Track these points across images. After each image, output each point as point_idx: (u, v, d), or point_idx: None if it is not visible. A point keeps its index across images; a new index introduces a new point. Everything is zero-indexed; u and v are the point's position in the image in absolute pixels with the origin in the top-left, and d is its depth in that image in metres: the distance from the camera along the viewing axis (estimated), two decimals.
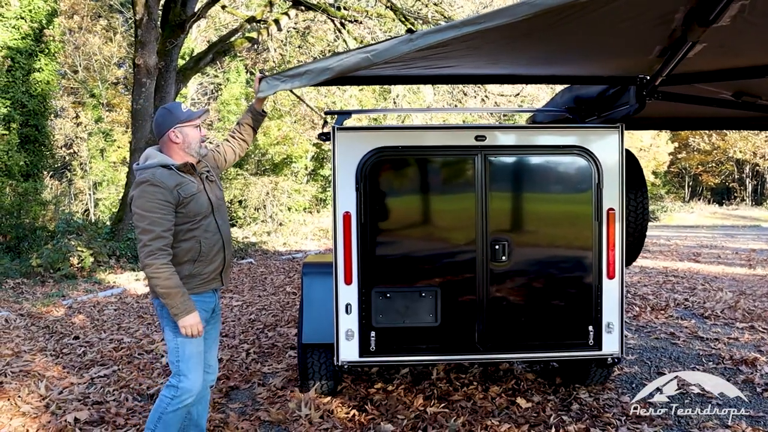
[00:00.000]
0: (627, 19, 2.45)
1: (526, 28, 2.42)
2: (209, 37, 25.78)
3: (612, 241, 3.96)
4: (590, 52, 3.25)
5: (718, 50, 2.96)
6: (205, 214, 3.20)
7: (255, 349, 6.29)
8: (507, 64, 3.41)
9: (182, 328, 3.05)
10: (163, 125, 3.18)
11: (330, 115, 4.41)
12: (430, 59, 3.04)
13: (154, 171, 3.08)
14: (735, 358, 5.61)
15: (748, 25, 2.52)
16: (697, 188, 50.58)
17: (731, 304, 7.99)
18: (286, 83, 3.18)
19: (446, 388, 4.82)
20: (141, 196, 3.01)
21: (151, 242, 2.96)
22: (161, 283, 2.98)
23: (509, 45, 2.80)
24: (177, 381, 3.19)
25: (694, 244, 17.88)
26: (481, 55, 3.02)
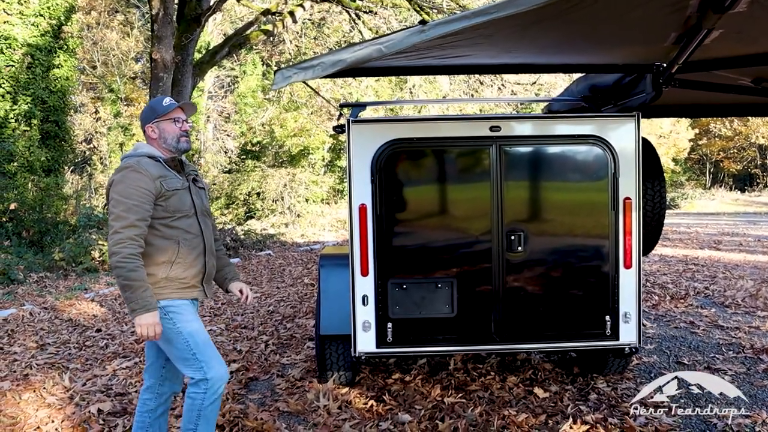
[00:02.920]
0: (640, 6, 2.43)
1: (538, 17, 2.41)
2: (225, 30, 25.88)
3: (629, 230, 3.94)
4: (604, 41, 3.22)
5: (735, 37, 2.92)
6: (187, 213, 3.05)
7: (274, 340, 6.34)
8: (520, 54, 3.39)
9: (138, 326, 2.82)
10: (144, 120, 3.13)
11: (345, 107, 4.42)
12: (443, 49, 3.03)
13: (140, 159, 2.99)
14: (756, 347, 5.56)
15: (765, 11, 2.48)
16: (718, 175, 49.91)
17: (752, 293, 7.91)
18: (299, 74, 3.18)
19: (463, 378, 4.84)
20: (121, 182, 2.89)
21: (123, 230, 2.80)
22: (125, 273, 2.76)
23: (521, 34, 2.79)
24: (202, 374, 2.98)
25: (715, 231, 17.67)
26: (494, 44, 3.01)
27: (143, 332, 2.82)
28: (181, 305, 3.02)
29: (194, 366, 2.99)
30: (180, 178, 3.09)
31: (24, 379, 5.18)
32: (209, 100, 30.03)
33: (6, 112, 13.33)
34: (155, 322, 2.84)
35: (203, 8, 13.67)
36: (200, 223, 3.12)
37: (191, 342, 2.97)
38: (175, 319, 2.98)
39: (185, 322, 2.99)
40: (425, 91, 22.82)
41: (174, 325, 2.97)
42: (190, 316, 3.04)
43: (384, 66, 3.66)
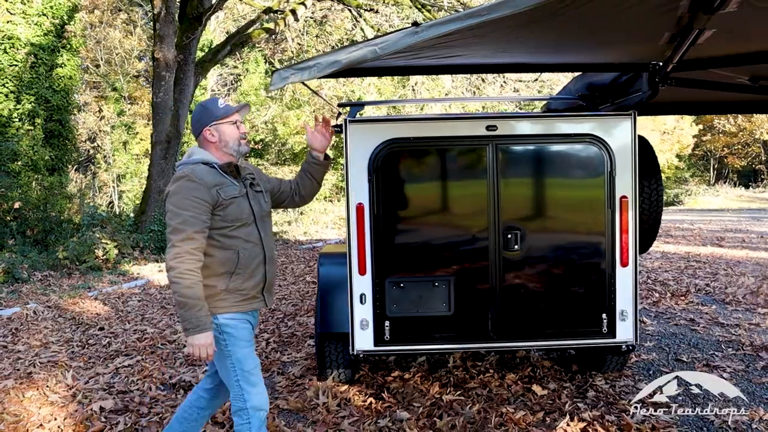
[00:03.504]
0: (631, 6, 2.45)
1: (530, 18, 2.43)
2: (228, 28, 25.92)
3: (625, 228, 3.95)
4: (599, 40, 3.23)
5: (728, 36, 2.94)
6: (246, 222, 2.92)
7: (275, 338, 6.38)
8: (514, 53, 3.41)
9: (190, 346, 2.70)
10: (198, 123, 2.98)
11: (343, 106, 4.44)
12: (437, 49, 3.05)
13: (194, 167, 2.85)
14: (755, 344, 5.57)
15: (756, 11, 2.50)
16: (722, 171, 49.77)
17: (753, 290, 7.91)
18: (297, 75, 3.20)
19: (462, 375, 4.86)
20: (177, 192, 2.77)
21: (180, 243, 2.68)
22: (180, 290, 2.66)
23: (515, 34, 2.80)
24: (242, 402, 2.87)
25: (718, 228, 17.63)
26: (488, 44, 3.03)
27: (194, 353, 2.70)
28: (239, 324, 2.91)
29: (236, 392, 2.90)
30: (237, 184, 2.94)
31: (27, 377, 5.23)
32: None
33: (10, 111, 13.39)
34: (208, 344, 2.71)
35: (205, 7, 13.71)
36: (260, 231, 3.00)
37: (237, 368, 2.87)
38: (229, 341, 2.87)
39: (237, 346, 2.88)
40: (428, 88, 22.81)
41: (226, 346, 2.88)
42: (244, 339, 2.92)
43: (381, 66, 3.69)
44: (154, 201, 13.69)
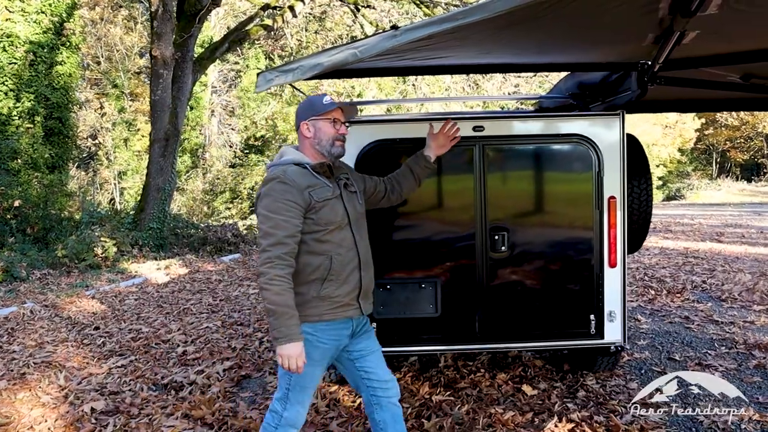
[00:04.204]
0: (613, 8, 2.43)
1: (509, 21, 2.41)
2: (228, 24, 25.89)
3: (613, 229, 3.94)
4: (586, 40, 3.21)
5: (712, 36, 2.92)
6: (340, 225, 2.78)
7: (268, 337, 6.38)
8: (501, 54, 3.39)
9: (279, 356, 2.58)
10: (298, 117, 2.89)
11: None
12: (420, 51, 3.04)
13: (286, 168, 2.74)
14: (749, 342, 5.55)
15: (737, 13, 2.48)
16: (725, 165, 49.63)
17: (749, 287, 7.88)
18: (281, 77, 3.18)
19: (453, 375, 4.86)
20: (268, 195, 2.67)
21: (270, 248, 2.58)
22: (270, 297, 2.55)
23: (498, 35, 2.79)
24: (282, 407, 2.81)
25: (718, 222, 17.59)
26: (471, 46, 3.01)
27: (285, 363, 2.59)
28: (316, 342, 2.76)
29: (281, 395, 2.84)
30: (330, 185, 2.81)
31: (21, 378, 5.25)
32: (213, 94, 30.10)
33: (9, 109, 13.40)
34: (298, 354, 2.58)
35: (203, 4, 13.69)
36: (354, 234, 2.85)
37: (293, 379, 2.78)
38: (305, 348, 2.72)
39: (307, 358, 2.72)
40: (428, 83, 22.76)
41: None
42: (317, 356, 2.78)
43: (366, 67, 3.67)
44: (153, 199, 13.70)
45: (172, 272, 11.25)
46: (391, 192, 3.29)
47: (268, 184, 2.72)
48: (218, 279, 10.43)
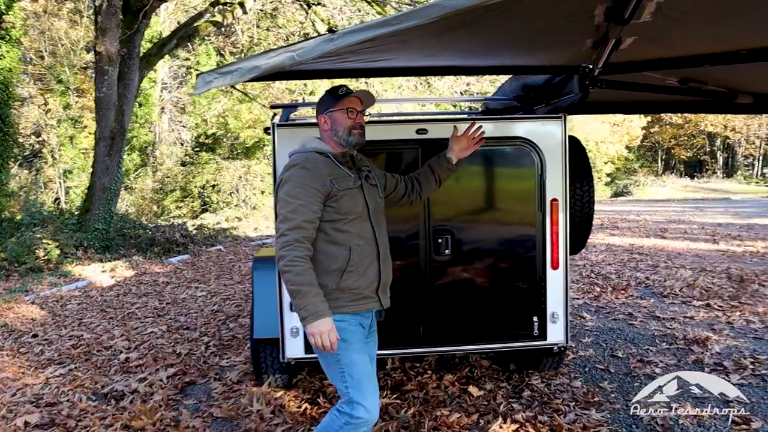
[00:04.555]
0: (546, 16, 2.43)
1: (446, 26, 2.39)
2: (179, 19, 25.34)
3: (556, 231, 3.97)
4: (527, 44, 3.22)
5: (649, 43, 2.96)
6: (359, 215, 2.79)
7: (215, 341, 6.27)
8: (443, 57, 3.38)
9: (311, 335, 2.53)
10: (317, 111, 2.91)
11: (276, 108, 4.35)
12: (362, 54, 2.99)
13: (308, 155, 2.77)
14: (688, 337, 5.69)
15: (670, 21, 2.51)
16: (670, 162, 51.16)
17: (690, 282, 8.10)
18: (219, 80, 3.10)
19: (400, 377, 4.84)
20: (289, 180, 2.67)
21: (289, 231, 2.57)
22: (292, 278, 2.52)
23: (437, 40, 2.77)
24: (350, 408, 2.69)
25: (662, 219, 18.09)
26: (414, 49, 2.98)
27: (317, 342, 2.54)
28: (349, 327, 2.75)
29: (344, 400, 2.74)
30: (351, 175, 2.83)
31: None
32: (163, 91, 29.47)
33: None
34: (329, 329, 2.54)
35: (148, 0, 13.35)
36: (374, 226, 2.86)
37: (347, 375, 2.71)
38: (339, 343, 2.65)
39: (347, 350, 2.72)
40: (380, 81, 22.73)
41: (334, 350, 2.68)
42: (355, 343, 2.76)
43: (313, 69, 3.59)
44: (98, 199, 13.32)
45: (118, 275, 10.96)
46: (411, 191, 3.30)
47: (290, 170, 2.71)
48: (165, 281, 10.21)
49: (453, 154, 3.31)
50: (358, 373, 2.72)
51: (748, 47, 3.21)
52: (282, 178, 2.73)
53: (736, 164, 48.69)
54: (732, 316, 6.43)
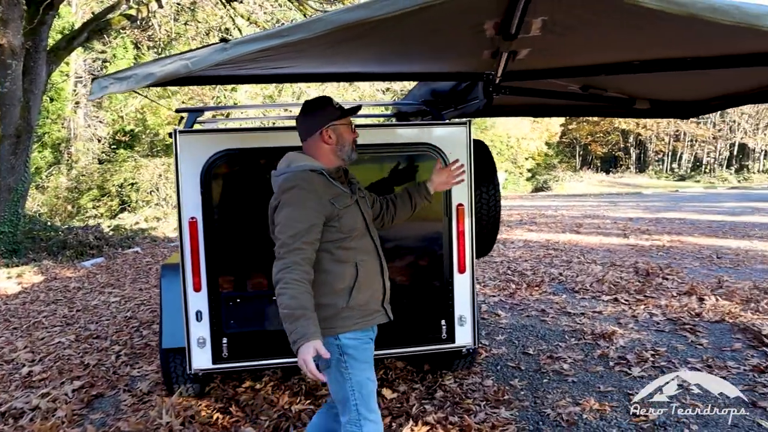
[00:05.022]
0: (439, 30, 2.46)
1: (341, 37, 2.38)
2: (94, 9, 24.30)
3: (462, 235, 4.04)
4: (426, 53, 3.25)
5: (544, 53, 3.05)
6: (361, 231, 2.74)
7: (126, 350, 6.06)
8: (347, 64, 3.36)
9: (301, 360, 2.36)
10: (314, 123, 2.75)
11: (181, 112, 4.23)
12: (261, 62, 2.94)
13: (303, 174, 2.64)
14: (595, 332, 5.92)
15: (559, 35, 2.59)
16: (587, 157, 53.14)
17: (600, 277, 8.43)
18: (115, 86, 2.99)
19: (314, 383, 4.82)
20: (289, 204, 2.55)
21: (287, 255, 2.47)
22: (286, 301, 2.41)
23: (333, 50, 2.75)
24: (358, 428, 2.65)
25: (578, 214, 18.76)
26: (312, 57, 2.96)
27: (304, 369, 2.37)
28: (361, 345, 2.70)
29: (352, 417, 2.67)
30: (347, 191, 2.76)
31: None
32: (78, 84, 28.23)
33: None
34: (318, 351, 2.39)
35: None
36: (373, 239, 2.82)
37: (357, 392, 2.65)
38: (349, 363, 2.64)
39: (358, 369, 2.67)
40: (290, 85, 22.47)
41: (346, 369, 2.65)
42: (366, 361, 2.72)
43: (214, 75, 3.51)
44: (3, 200, 12.63)
45: (25, 281, 10.43)
46: (386, 213, 3.21)
47: (288, 192, 2.59)
48: (77, 287, 9.80)
49: (432, 185, 3.28)
50: (367, 390, 2.70)
51: (640, 58, 3.35)
52: (280, 201, 2.61)
53: (648, 160, 51.12)
54: (637, 310, 6.74)
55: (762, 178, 43.49)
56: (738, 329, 5.94)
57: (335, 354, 2.64)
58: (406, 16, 1.99)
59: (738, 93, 4.47)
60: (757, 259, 9.93)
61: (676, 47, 2.93)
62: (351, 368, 2.66)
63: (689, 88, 4.46)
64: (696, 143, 49.70)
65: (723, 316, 6.35)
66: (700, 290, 7.46)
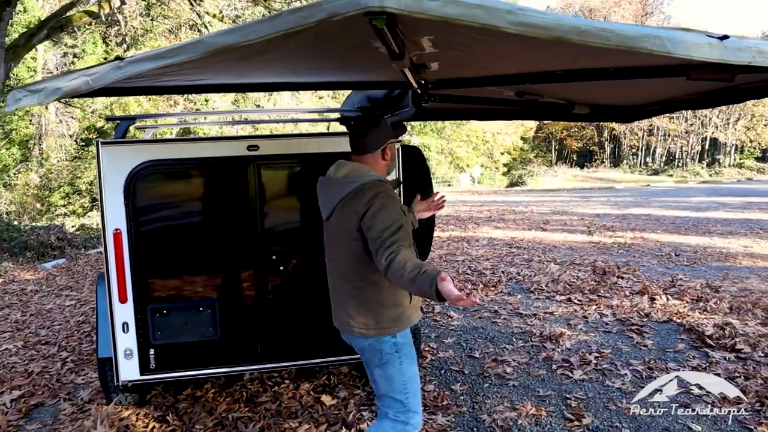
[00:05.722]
0: (337, 47, 2.45)
1: (233, 56, 2.36)
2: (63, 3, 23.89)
3: None
4: (335, 67, 3.23)
5: (457, 65, 3.05)
6: (411, 237, 2.90)
7: (74, 356, 6.00)
8: (260, 76, 3.33)
9: (447, 293, 2.27)
10: (378, 139, 2.85)
11: (112, 120, 4.18)
12: (172, 75, 2.92)
13: (383, 183, 2.79)
14: (544, 334, 5.97)
15: (461, 51, 2.59)
16: (563, 152, 53.48)
17: (555, 277, 8.49)
18: (28, 98, 2.94)
19: (256, 389, 4.80)
20: (384, 206, 2.65)
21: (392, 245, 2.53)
22: (405, 274, 2.41)
23: (238, 65, 2.73)
24: (407, 418, 2.83)
25: (548, 210, 18.88)
26: (215, 71, 2.93)
27: (457, 302, 2.27)
28: (409, 341, 2.87)
29: (400, 410, 2.84)
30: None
31: None
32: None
33: None
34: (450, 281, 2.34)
35: None
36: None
37: (409, 386, 2.83)
38: (403, 358, 2.82)
39: (410, 364, 2.85)
40: None
41: (401, 363, 2.81)
42: (414, 357, 2.89)
43: (135, 86, 3.46)
44: None
45: None
46: None
47: (378, 197, 2.68)
48: (35, 289, 9.67)
49: (415, 214, 3.39)
50: (415, 385, 2.88)
51: (561, 68, 3.37)
52: (372, 205, 2.65)
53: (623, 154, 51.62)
54: (588, 311, 6.81)
55: (732, 172, 44.18)
56: (684, 329, 6.03)
57: (391, 351, 2.79)
58: (288, 38, 1.98)
59: (672, 99, 4.52)
60: (714, 257, 10.08)
61: (574, 61, 2.95)
62: (405, 362, 2.83)
63: (625, 94, 4.50)
64: (669, 138, 50.27)
65: (671, 316, 6.44)
66: (652, 289, 7.55)
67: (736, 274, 8.57)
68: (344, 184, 2.79)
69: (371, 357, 2.84)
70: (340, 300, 2.92)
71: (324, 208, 2.92)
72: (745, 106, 45.96)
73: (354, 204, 2.71)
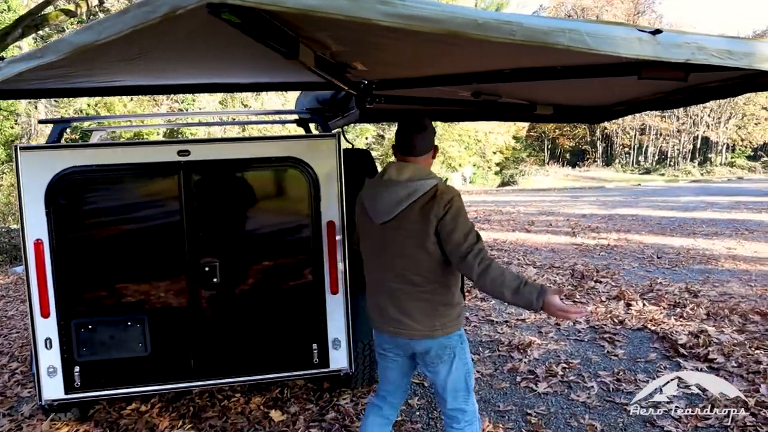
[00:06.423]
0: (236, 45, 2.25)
1: (115, 58, 2.16)
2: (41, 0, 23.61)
3: (333, 255, 3.83)
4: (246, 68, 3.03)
5: (387, 65, 2.86)
6: None
7: (24, 368, 5.77)
8: (175, 77, 3.12)
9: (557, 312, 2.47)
10: (431, 140, 2.84)
11: (45, 123, 3.96)
12: (72, 77, 2.72)
13: (449, 184, 2.79)
14: (512, 343, 5.77)
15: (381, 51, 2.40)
16: (555, 151, 53.36)
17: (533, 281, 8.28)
18: None
19: (204, 403, 4.60)
20: (461, 208, 2.68)
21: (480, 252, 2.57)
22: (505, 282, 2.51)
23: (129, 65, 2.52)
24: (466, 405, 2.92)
25: (535, 210, 18.69)
26: (109, 73, 2.73)
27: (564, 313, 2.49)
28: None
29: (466, 400, 2.93)
30: None
31: None
32: None
33: None
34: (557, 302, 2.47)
35: None
36: None
37: (470, 377, 2.92)
38: (465, 347, 2.90)
39: (469, 358, 2.94)
40: None
41: (464, 355, 2.88)
42: None
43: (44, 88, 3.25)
44: None
45: None
46: None
47: (455, 200, 2.68)
48: (1, 295, 9.43)
49: None
50: (472, 374, 2.97)
51: (509, 67, 3.18)
52: (450, 208, 2.63)
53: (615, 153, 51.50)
54: None
55: (723, 171, 44.11)
56: (657, 337, 5.85)
57: (457, 344, 2.84)
58: (161, 36, 1.78)
59: (638, 99, 4.36)
60: (696, 259, 9.90)
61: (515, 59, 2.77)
62: (466, 353, 2.91)
63: (587, 95, 4.32)
64: (661, 137, 50.19)
65: (646, 323, 6.26)
66: (629, 294, 7.36)
67: (716, 278, 8.39)
68: (412, 187, 2.68)
69: (439, 355, 2.81)
70: (398, 304, 2.79)
71: (380, 211, 2.75)
72: (736, 105, 45.93)
73: (434, 207, 2.64)
